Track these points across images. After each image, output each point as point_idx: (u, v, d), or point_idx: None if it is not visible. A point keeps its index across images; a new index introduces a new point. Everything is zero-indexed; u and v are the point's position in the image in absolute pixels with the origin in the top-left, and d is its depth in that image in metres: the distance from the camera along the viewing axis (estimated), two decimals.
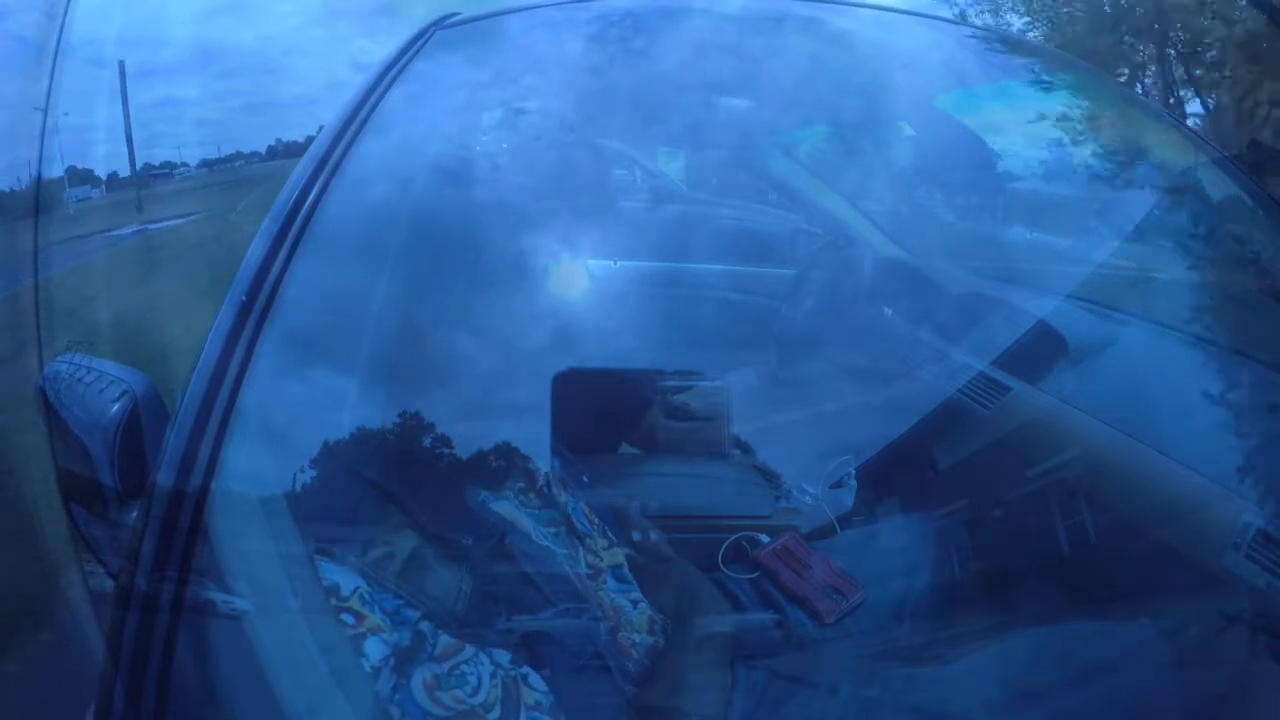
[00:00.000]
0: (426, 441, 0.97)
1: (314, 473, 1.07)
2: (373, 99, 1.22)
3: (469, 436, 0.97)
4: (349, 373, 1.07)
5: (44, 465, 0.97)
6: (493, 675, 0.69)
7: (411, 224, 1.30)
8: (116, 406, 0.93)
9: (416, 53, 1.34)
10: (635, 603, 0.81)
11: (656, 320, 1.01)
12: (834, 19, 1.54)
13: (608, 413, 0.89)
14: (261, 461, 1.00)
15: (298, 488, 1.06)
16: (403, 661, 0.69)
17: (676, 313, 0.99)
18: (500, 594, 0.78)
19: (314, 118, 1.38)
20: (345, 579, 0.76)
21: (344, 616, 0.71)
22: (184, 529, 0.84)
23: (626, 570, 0.86)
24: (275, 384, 1.01)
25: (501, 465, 0.86)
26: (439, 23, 1.43)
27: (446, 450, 0.95)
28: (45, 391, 0.99)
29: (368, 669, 0.69)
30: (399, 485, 0.90)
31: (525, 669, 0.71)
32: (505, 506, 0.85)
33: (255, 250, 1.01)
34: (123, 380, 0.96)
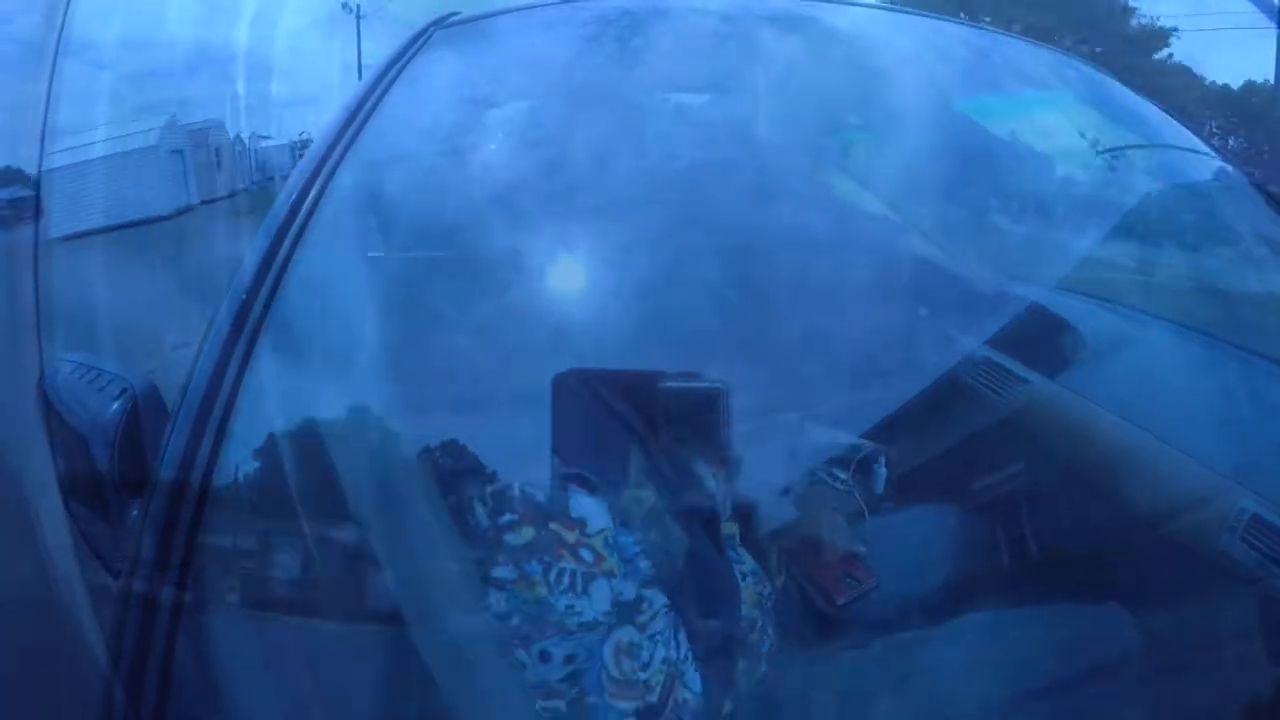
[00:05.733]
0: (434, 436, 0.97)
1: (314, 471, 1.08)
2: (372, 99, 1.22)
3: (473, 429, 0.98)
4: (350, 371, 1.07)
5: (44, 465, 0.97)
6: (667, 661, 0.68)
7: (412, 223, 1.30)
8: (116, 406, 0.93)
9: (416, 52, 1.34)
10: (744, 575, 0.80)
11: (657, 314, 1.02)
12: (831, 19, 1.54)
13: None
14: (262, 460, 1.00)
15: (298, 486, 1.06)
16: (619, 614, 0.67)
17: (692, 306, 1.00)
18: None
19: (314, 118, 1.38)
20: (596, 515, 0.71)
21: (582, 552, 0.67)
22: (184, 527, 0.85)
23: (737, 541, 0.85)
24: (275, 383, 1.01)
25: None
26: (438, 22, 1.43)
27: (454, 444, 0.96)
28: (45, 391, 0.99)
29: (589, 613, 0.66)
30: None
31: (689, 667, 0.69)
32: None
33: (255, 249, 1.01)
34: (123, 380, 0.96)
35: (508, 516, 0.68)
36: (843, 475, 0.94)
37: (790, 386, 0.96)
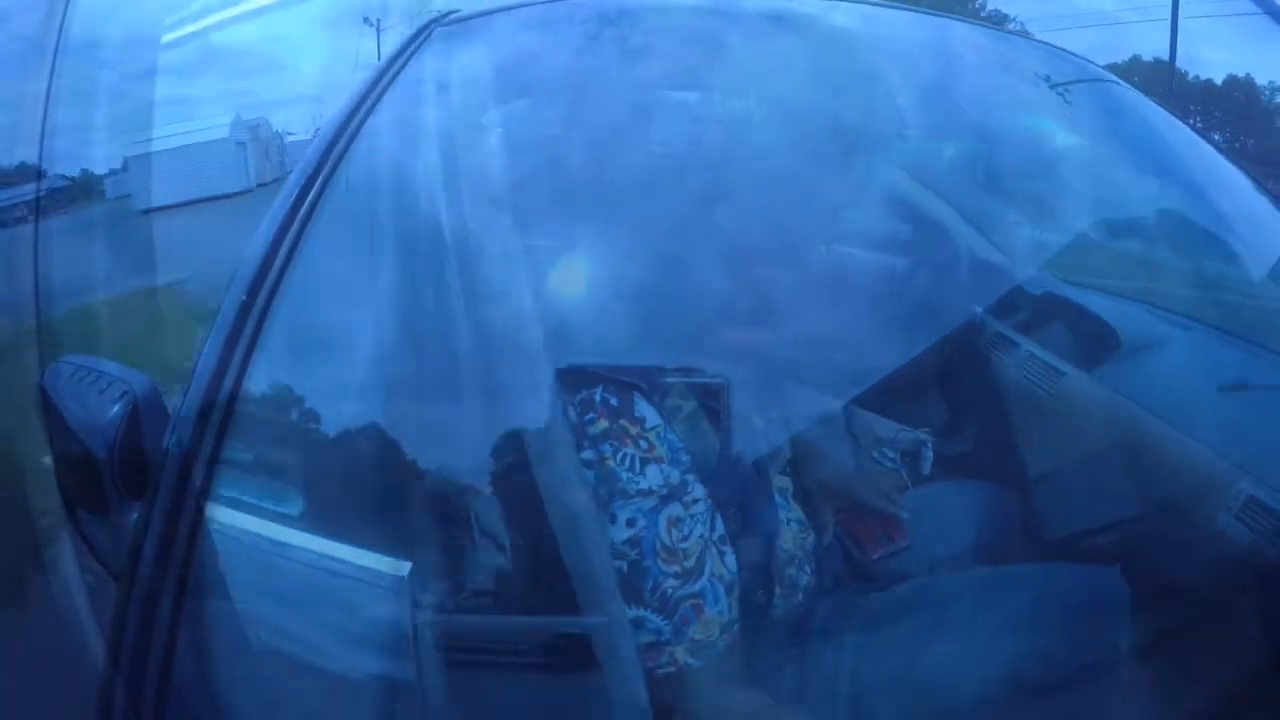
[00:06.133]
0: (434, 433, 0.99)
1: (315, 470, 1.08)
2: (372, 97, 1.22)
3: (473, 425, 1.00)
4: (350, 371, 1.07)
5: (44, 465, 0.97)
6: (703, 537, 0.82)
7: (412, 223, 1.30)
8: (116, 406, 0.93)
9: (415, 50, 1.33)
10: (787, 520, 0.95)
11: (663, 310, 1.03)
12: (829, 18, 1.53)
13: None
14: (262, 461, 1.00)
15: (298, 486, 1.06)
16: (668, 492, 0.83)
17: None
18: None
19: (314, 116, 1.38)
20: (651, 414, 0.87)
21: (641, 441, 0.85)
22: (185, 529, 0.85)
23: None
24: (276, 383, 1.01)
25: None
26: (438, 20, 1.42)
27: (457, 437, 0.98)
28: (45, 391, 0.99)
29: (645, 484, 0.82)
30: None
31: (729, 548, 0.84)
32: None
33: (255, 249, 1.01)
34: (123, 380, 0.96)
35: (589, 415, 0.86)
36: (891, 454, 1.06)
37: (842, 375, 1.06)
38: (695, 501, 0.84)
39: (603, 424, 0.85)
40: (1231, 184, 1.48)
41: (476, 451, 0.89)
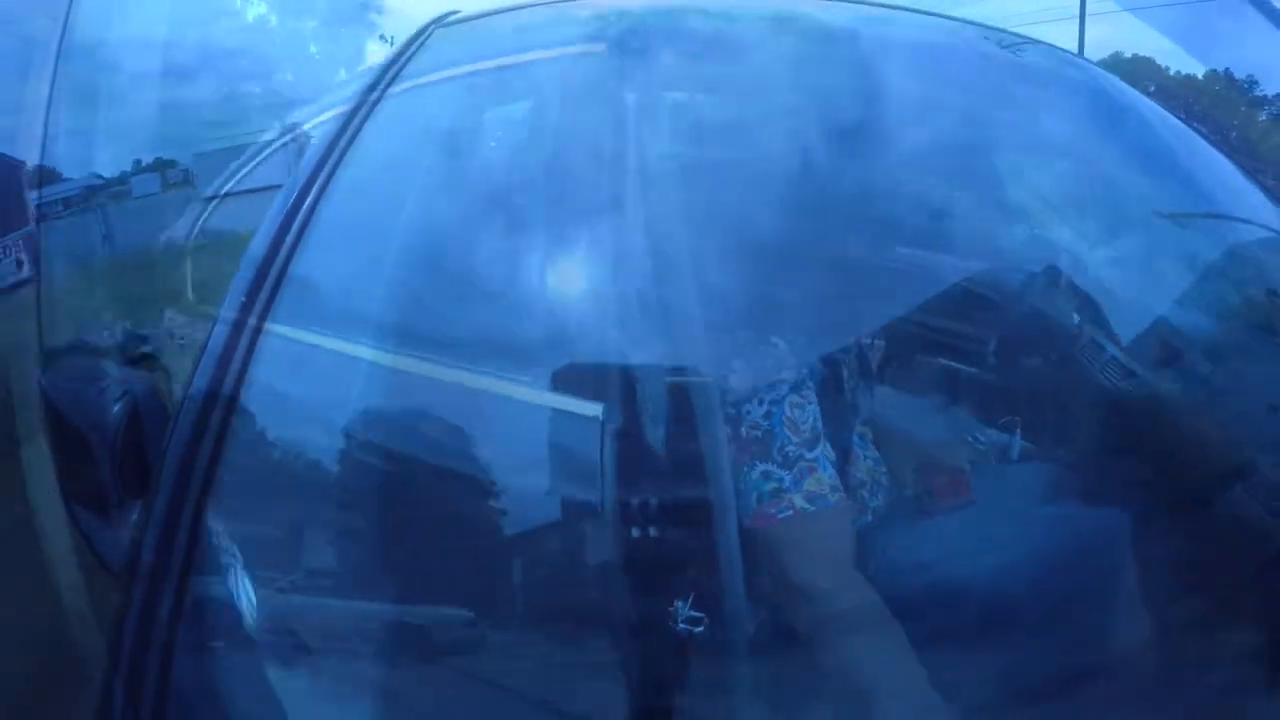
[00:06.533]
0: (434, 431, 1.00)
1: (315, 470, 1.08)
2: (372, 98, 1.22)
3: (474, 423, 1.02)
4: (351, 369, 1.07)
5: (44, 465, 0.97)
6: (814, 424, 0.99)
7: (412, 222, 1.30)
8: (117, 406, 0.93)
9: (416, 51, 1.34)
10: (865, 457, 1.09)
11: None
12: (828, 17, 1.54)
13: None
14: (262, 460, 1.00)
15: (299, 486, 1.06)
16: (791, 385, 1.00)
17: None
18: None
19: (315, 118, 1.38)
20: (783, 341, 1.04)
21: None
22: (185, 529, 0.85)
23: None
24: (276, 383, 1.02)
25: None
26: (438, 21, 1.42)
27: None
28: (45, 391, 0.99)
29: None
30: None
31: (832, 468, 0.98)
32: None
33: (255, 250, 1.01)
34: (123, 380, 0.96)
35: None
36: (982, 437, 1.16)
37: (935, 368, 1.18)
38: (809, 403, 1.00)
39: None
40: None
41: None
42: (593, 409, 0.92)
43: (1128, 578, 1.00)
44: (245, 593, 0.98)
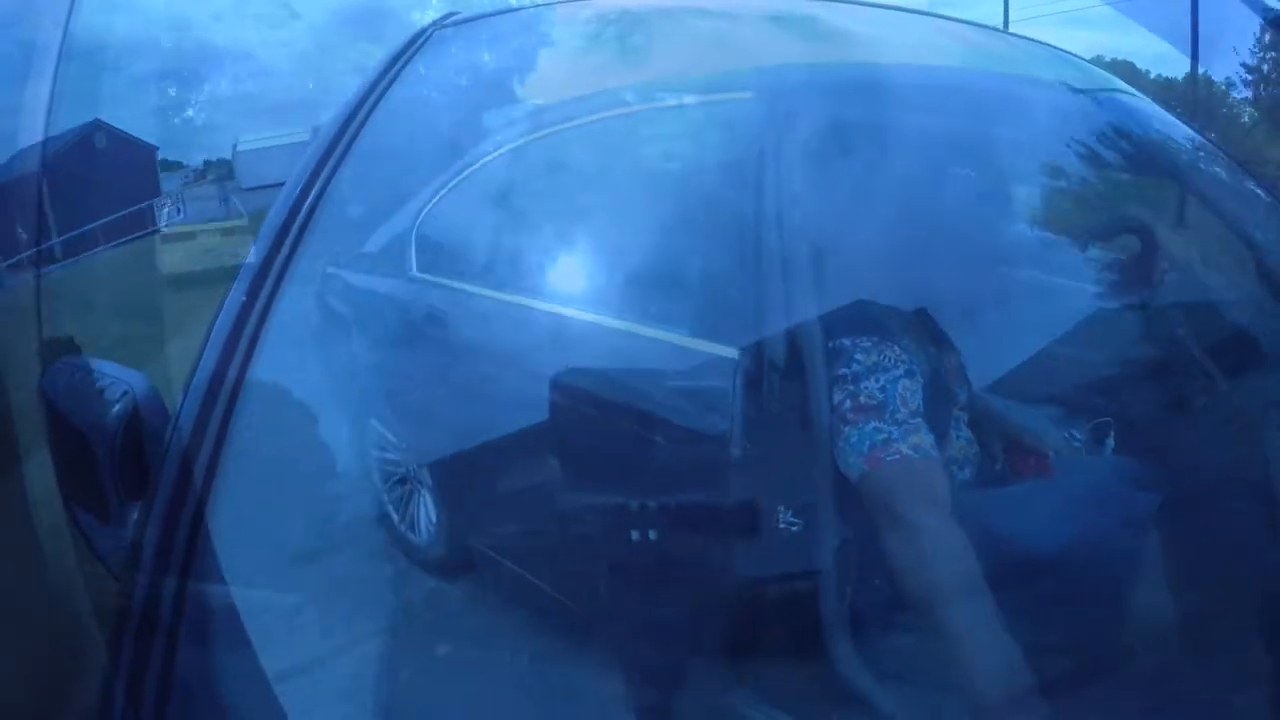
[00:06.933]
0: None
1: (315, 470, 1.08)
2: (372, 99, 1.22)
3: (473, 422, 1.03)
4: (351, 369, 1.07)
5: (44, 465, 0.97)
6: (919, 404, 1.11)
7: (412, 223, 1.30)
8: (117, 407, 0.93)
9: (416, 52, 1.34)
10: (957, 436, 1.21)
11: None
12: (826, 17, 1.54)
13: None
14: (263, 460, 1.00)
15: (299, 486, 1.06)
16: (905, 369, 1.12)
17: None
18: None
19: (315, 119, 1.38)
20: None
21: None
22: (185, 529, 0.85)
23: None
24: (276, 382, 1.02)
25: None
26: (439, 22, 1.43)
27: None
28: (45, 391, 0.99)
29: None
30: None
31: (931, 436, 1.10)
32: None
33: (255, 250, 1.01)
34: (123, 380, 0.96)
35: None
36: (1079, 435, 1.27)
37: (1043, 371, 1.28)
38: (917, 389, 1.13)
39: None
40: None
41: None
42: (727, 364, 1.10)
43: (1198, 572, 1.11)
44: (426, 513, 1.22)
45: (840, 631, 1.02)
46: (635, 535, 1.01)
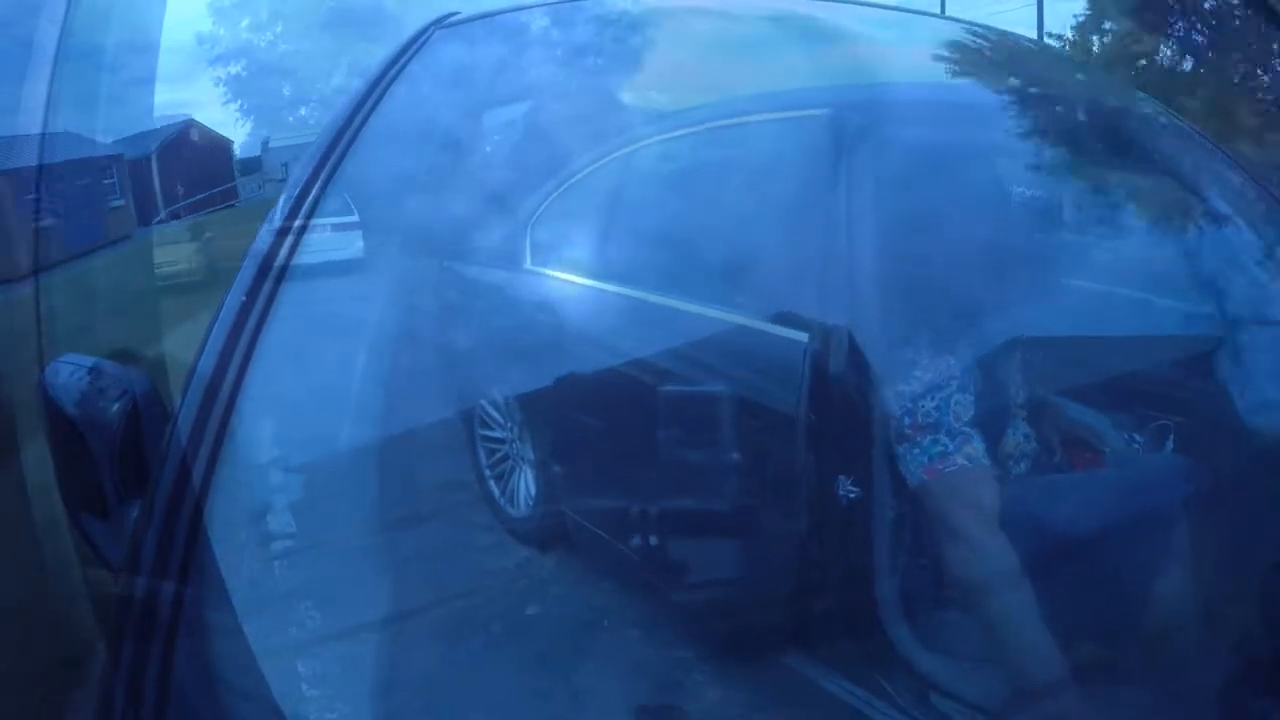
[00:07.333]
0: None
1: (316, 471, 1.08)
2: (372, 99, 1.22)
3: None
4: (351, 369, 1.07)
5: (44, 465, 0.97)
6: (973, 416, 1.18)
7: (412, 223, 1.30)
8: (117, 406, 0.93)
9: (416, 52, 1.33)
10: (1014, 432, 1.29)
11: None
12: (825, 17, 1.54)
13: None
14: (263, 460, 1.00)
15: (300, 486, 1.06)
16: (959, 383, 1.20)
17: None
18: None
19: (315, 119, 1.39)
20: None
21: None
22: (184, 528, 0.84)
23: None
24: (277, 382, 1.01)
25: None
26: (438, 22, 1.42)
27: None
28: (45, 391, 0.99)
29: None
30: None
31: (984, 445, 1.19)
32: None
33: (255, 250, 1.01)
34: (123, 380, 0.96)
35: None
36: (1139, 438, 1.34)
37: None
38: (971, 402, 1.20)
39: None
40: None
41: None
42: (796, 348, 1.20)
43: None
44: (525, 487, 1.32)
45: (892, 600, 1.12)
46: (727, 505, 1.16)
